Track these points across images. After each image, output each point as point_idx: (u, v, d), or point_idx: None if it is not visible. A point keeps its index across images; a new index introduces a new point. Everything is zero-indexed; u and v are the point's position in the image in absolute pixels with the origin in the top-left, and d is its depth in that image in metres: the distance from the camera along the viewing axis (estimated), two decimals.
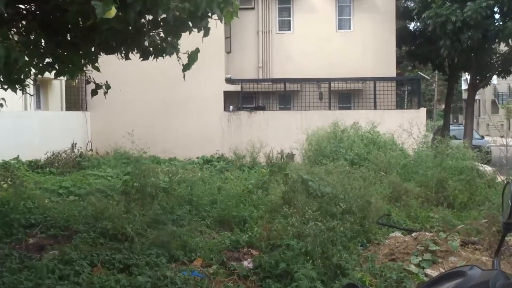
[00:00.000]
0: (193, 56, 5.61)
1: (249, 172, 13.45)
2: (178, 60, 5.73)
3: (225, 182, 10.91)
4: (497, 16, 18.47)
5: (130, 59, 6.08)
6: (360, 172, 9.82)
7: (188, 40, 6.01)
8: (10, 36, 4.93)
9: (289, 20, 20.37)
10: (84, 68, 6.34)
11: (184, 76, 5.83)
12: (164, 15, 4.81)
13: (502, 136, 13.08)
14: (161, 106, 18.25)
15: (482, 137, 24.41)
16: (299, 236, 6.47)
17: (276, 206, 7.79)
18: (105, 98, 6.44)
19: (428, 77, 35.54)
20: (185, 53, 5.67)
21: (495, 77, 23.31)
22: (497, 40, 18.93)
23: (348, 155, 12.29)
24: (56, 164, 14.10)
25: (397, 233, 7.32)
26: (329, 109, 18.30)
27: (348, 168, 9.77)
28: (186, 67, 5.74)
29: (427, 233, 6.72)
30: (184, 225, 7.36)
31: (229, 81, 18.61)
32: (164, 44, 5.73)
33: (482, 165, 11.37)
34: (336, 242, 5.95)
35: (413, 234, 6.86)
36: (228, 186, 9.79)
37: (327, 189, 7.51)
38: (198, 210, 8.46)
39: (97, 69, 5.96)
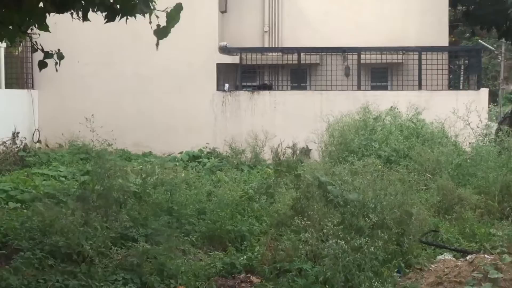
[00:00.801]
0: (173, 16, 5.58)
1: (249, 173, 13.48)
2: (157, 19, 5.70)
3: (218, 186, 10.93)
4: None
5: (89, 20, 6.06)
6: (398, 173, 9.81)
7: None
8: None
9: None
10: (29, 31, 6.33)
11: (157, 45, 5.79)
12: None
13: None
14: (132, 83, 18.24)
15: None
16: (315, 258, 6.48)
17: (284, 218, 7.79)
18: (57, 71, 6.43)
19: (492, 48, 35.36)
20: (164, 11, 5.65)
21: None
22: None
23: (382, 150, 12.28)
24: None
25: (447, 255, 7.32)
26: (358, 88, 18.26)
27: (382, 168, 9.77)
28: (162, 32, 5.70)
29: (486, 256, 6.71)
30: (161, 242, 7.38)
31: (224, 50, 18.58)
32: None
33: None
34: (365, 267, 5.96)
35: (468, 257, 6.86)
36: (221, 191, 9.80)
37: (352, 195, 7.51)
38: (180, 222, 8.49)
39: (46, 29, 5.93)
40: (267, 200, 9.68)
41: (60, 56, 6.54)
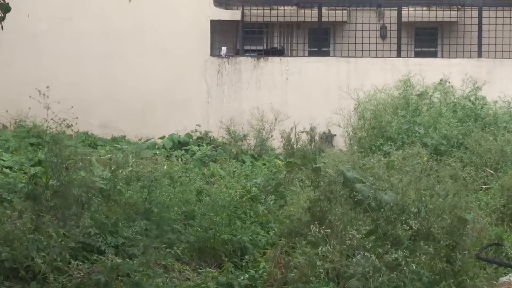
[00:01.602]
0: None
1: (253, 165, 13.48)
2: None
3: (211, 182, 10.94)
4: None
5: None
6: (449, 168, 9.80)
7: None
8: None
9: None
10: None
11: None
12: None
13: None
14: (99, 45, 18.23)
15: None
16: (338, 277, 6.49)
17: (298, 225, 7.80)
18: (2, 28, 6.43)
19: None
20: None
21: None
22: None
23: (429, 137, 12.28)
24: None
25: None
26: (398, 55, 18.23)
27: (428, 161, 9.76)
28: None
29: None
30: (135, 255, 7.41)
31: (220, 3, 18.55)
32: None
33: None
34: None
35: None
36: (215, 189, 9.83)
37: (388, 196, 7.51)
38: (161, 229, 8.50)
39: None
40: (276, 201, 9.68)
41: (6, 8, 6.54)
